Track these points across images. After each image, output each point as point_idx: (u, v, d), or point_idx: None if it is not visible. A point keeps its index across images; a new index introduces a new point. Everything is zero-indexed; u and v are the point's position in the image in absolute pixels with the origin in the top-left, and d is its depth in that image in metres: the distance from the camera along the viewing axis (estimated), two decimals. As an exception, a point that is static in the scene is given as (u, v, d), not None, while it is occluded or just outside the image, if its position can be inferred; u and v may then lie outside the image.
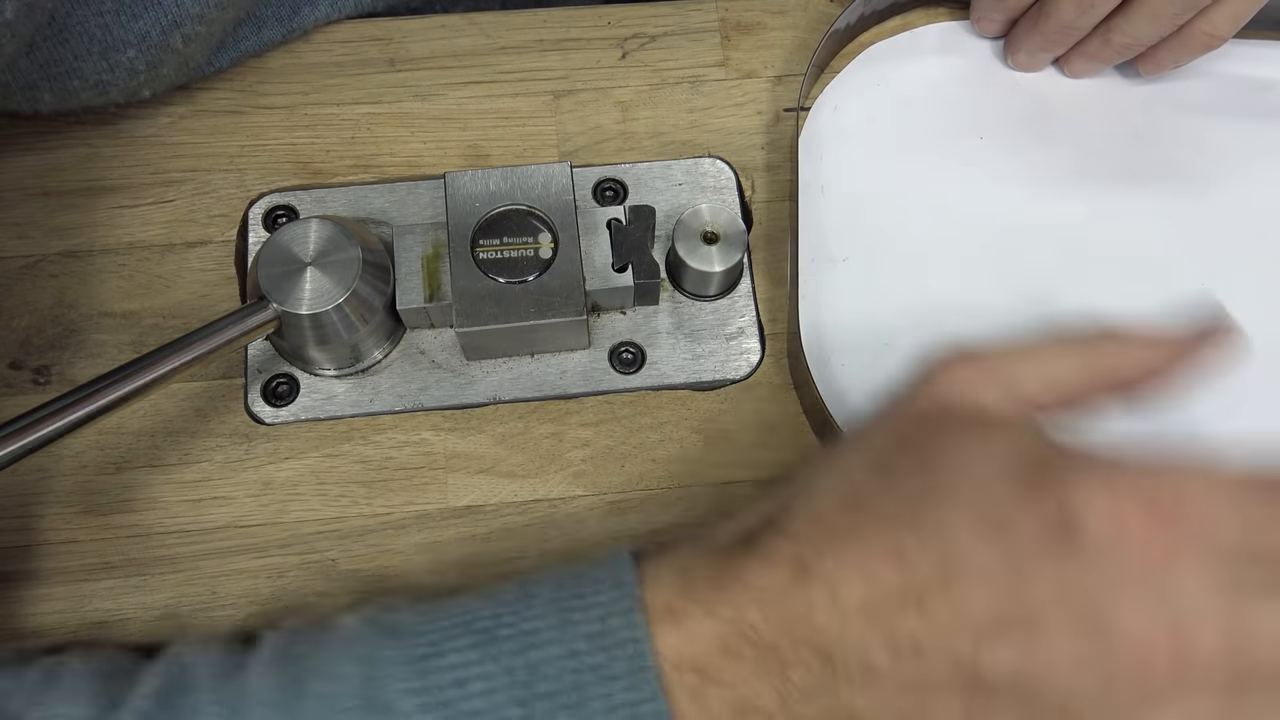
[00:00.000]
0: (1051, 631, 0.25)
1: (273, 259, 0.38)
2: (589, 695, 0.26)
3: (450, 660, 0.27)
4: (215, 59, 0.44)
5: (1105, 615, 0.25)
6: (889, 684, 0.26)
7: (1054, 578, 0.25)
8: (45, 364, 0.41)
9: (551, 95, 0.46)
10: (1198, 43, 0.43)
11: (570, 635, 0.27)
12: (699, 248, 0.40)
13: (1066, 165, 0.45)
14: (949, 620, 0.26)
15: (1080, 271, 0.43)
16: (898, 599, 0.26)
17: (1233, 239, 0.44)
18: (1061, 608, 0.25)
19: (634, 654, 0.27)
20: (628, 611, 0.28)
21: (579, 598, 0.28)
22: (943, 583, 0.26)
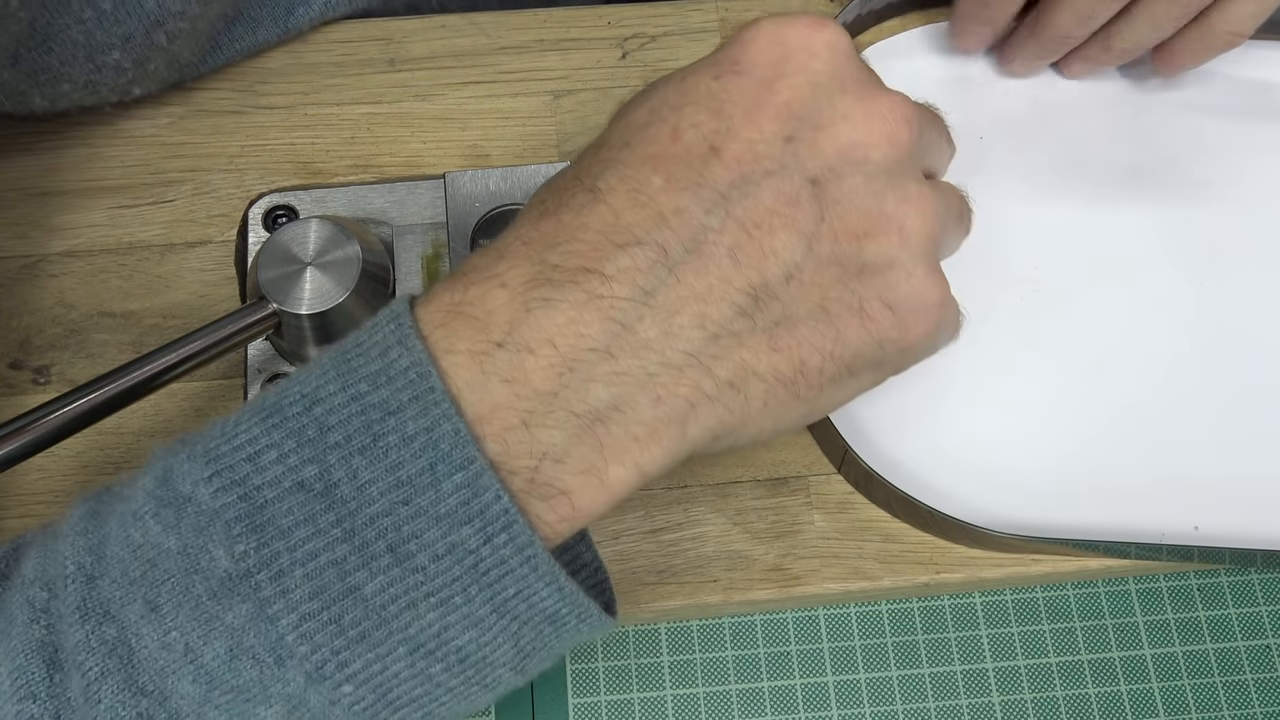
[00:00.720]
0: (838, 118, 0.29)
1: (273, 259, 0.38)
2: (380, 432, 0.25)
3: (240, 440, 0.26)
4: (210, 57, 0.44)
5: None
6: (724, 238, 0.27)
7: None
8: (45, 364, 0.41)
9: (551, 95, 0.46)
10: (1219, 41, 0.42)
11: (352, 380, 0.26)
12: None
13: (1066, 165, 0.45)
14: (752, 149, 0.28)
15: (1079, 271, 0.43)
16: (697, 155, 0.28)
17: (1232, 240, 0.44)
18: None
19: (415, 378, 0.25)
20: (404, 339, 0.26)
21: (358, 345, 0.27)
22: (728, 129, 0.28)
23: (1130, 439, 0.41)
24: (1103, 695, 0.41)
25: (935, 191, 0.30)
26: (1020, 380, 0.41)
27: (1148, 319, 0.43)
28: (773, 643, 0.41)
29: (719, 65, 0.29)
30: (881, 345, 0.29)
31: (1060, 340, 0.42)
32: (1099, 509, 0.40)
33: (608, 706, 0.41)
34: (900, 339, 0.30)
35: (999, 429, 0.41)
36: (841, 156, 0.28)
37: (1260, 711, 0.41)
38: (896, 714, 0.41)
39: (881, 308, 0.29)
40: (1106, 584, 0.43)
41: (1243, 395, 0.41)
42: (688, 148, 0.28)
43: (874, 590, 0.39)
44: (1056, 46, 0.44)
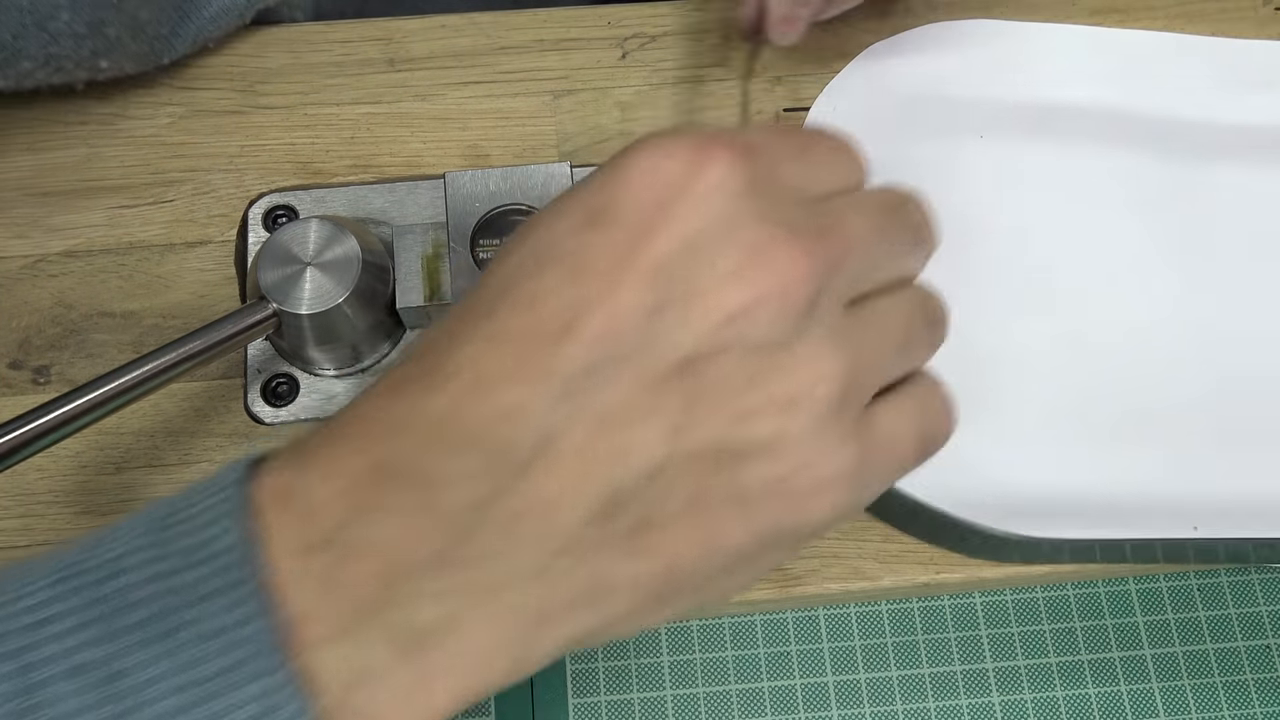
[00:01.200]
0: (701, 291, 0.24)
1: (272, 259, 0.38)
2: (182, 622, 0.22)
3: (27, 602, 0.22)
4: (181, 28, 0.43)
5: None
6: (572, 437, 0.23)
7: None
8: (45, 364, 0.41)
9: (551, 95, 0.46)
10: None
11: (165, 553, 0.23)
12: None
13: (1066, 163, 0.45)
14: (611, 325, 0.24)
15: (1079, 271, 0.43)
16: (551, 331, 0.24)
17: (1233, 240, 0.44)
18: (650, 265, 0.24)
19: (232, 564, 0.22)
20: (230, 514, 0.23)
21: (182, 509, 0.24)
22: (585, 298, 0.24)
23: (1130, 439, 0.41)
24: (1103, 695, 0.41)
25: (847, 340, 0.25)
26: (1018, 381, 0.41)
27: (1148, 319, 0.43)
28: (773, 643, 0.41)
29: (589, 208, 0.25)
30: (772, 532, 0.25)
31: (1059, 340, 0.42)
32: (1099, 509, 0.40)
33: (608, 706, 0.41)
34: (795, 522, 0.25)
35: (996, 431, 0.41)
36: (717, 329, 0.24)
37: (1260, 711, 0.41)
38: (896, 714, 0.41)
39: (766, 495, 0.25)
40: (1106, 584, 0.43)
41: (1243, 395, 0.41)
42: (542, 321, 0.24)
43: (874, 590, 0.39)
44: None
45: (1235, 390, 0.41)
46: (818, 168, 0.27)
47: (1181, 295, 0.43)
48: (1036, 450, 0.41)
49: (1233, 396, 0.41)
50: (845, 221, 0.26)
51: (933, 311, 0.29)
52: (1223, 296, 0.43)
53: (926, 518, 0.39)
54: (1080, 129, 0.46)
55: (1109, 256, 0.44)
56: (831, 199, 0.27)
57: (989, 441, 0.41)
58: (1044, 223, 0.44)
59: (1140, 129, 0.46)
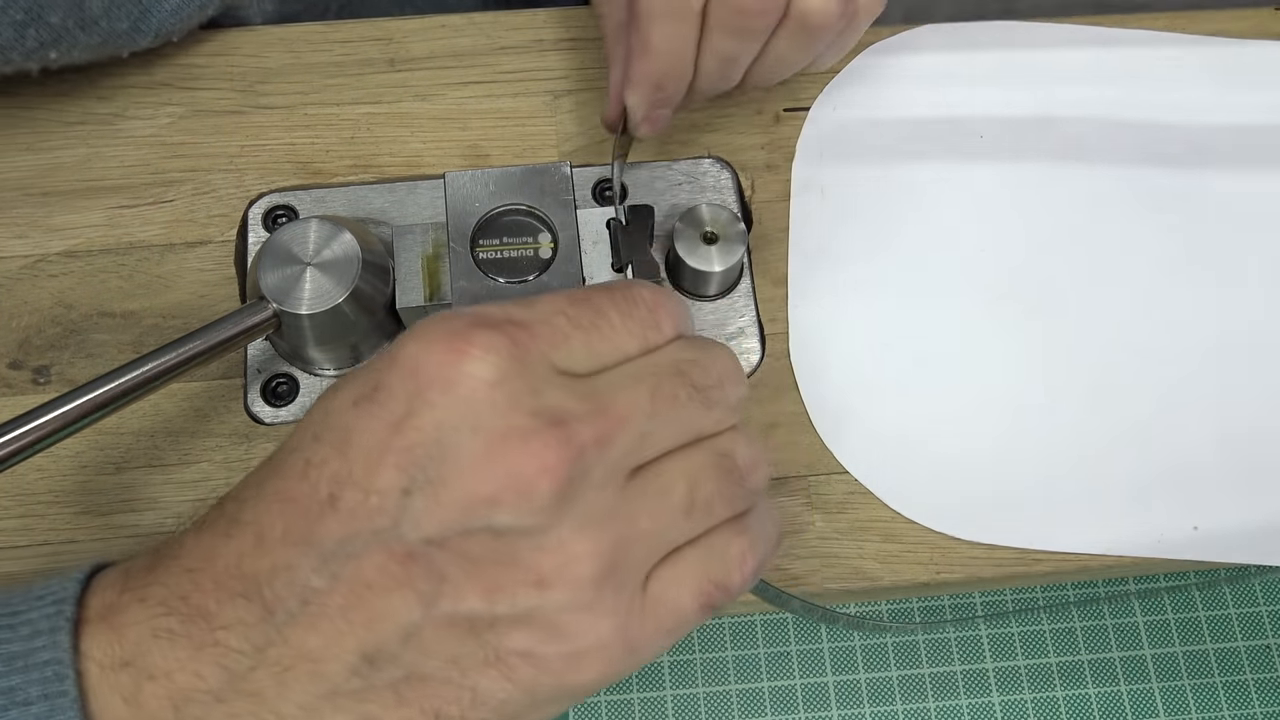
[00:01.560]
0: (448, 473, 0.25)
1: (272, 259, 0.38)
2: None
3: None
4: (143, 23, 0.42)
5: None
6: (332, 599, 0.25)
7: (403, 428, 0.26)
8: (45, 364, 0.41)
9: (551, 95, 0.46)
10: (858, 17, 0.38)
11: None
12: (698, 248, 0.40)
13: (1067, 163, 0.45)
14: (365, 503, 0.25)
15: (1079, 273, 0.43)
16: (316, 502, 0.25)
17: (1233, 240, 0.44)
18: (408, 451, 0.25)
19: (52, 675, 0.24)
20: (55, 629, 0.25)
21: (11, 616, 0.26)
22: (348, 474, 0.25)
23: (1130, 440, 0.41)
24: (1103, 695, 0.41)
25: (613, 518, 0.26)
26: (1019, 383, 0.41)
27: (1147, 320, 0.43)
28: (773, 643, 0.41)
29: (365, 387, 0.26)
30: (533, 691, 0.26)
31: (1059, 341, 0.42)
32: (1098, 510, 0.40)
33: (607, 706, 0.41)
34: (558, 684, 0.26)
35: (996, 434, 0.41)
36: (462, 515, 0.25)
37: (1260, 711, 0.41)
38: (896, 714, 0.41)
39: (524, 662, 0.26)
40: (1106, 584, 0.43)
41: (1243, 395, 0.41)
42: (311, 490, 0.26)
43: (874, 590, 0.39)
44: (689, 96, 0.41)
45: (1240, 390, 0.41)
46: (604, 339, 0.28)
47: (1185, 294, 0.43)
48: (1036, 456, 0.41)
49: (1237, 396, 0.41)
50: (617, 398, 0.27)
51: (732, 466, 0.29)
52: (1229, 296, 0.43)
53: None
54: (1081, 127, 0.46)
55: (1109, 257, 0.44)
56: (611, 372, 0.27)
57: (986, 443, 0.41)
58: (1043, 223, 0.44)
59: (1143, 128, 0.46)
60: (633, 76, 0.39)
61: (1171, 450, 0.40)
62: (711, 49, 0.38)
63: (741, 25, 0.37)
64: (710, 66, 0.39)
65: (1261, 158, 0.45)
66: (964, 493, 0.40)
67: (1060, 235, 0.44)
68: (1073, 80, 0.47)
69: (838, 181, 0.44)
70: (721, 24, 0.37)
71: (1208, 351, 0.42)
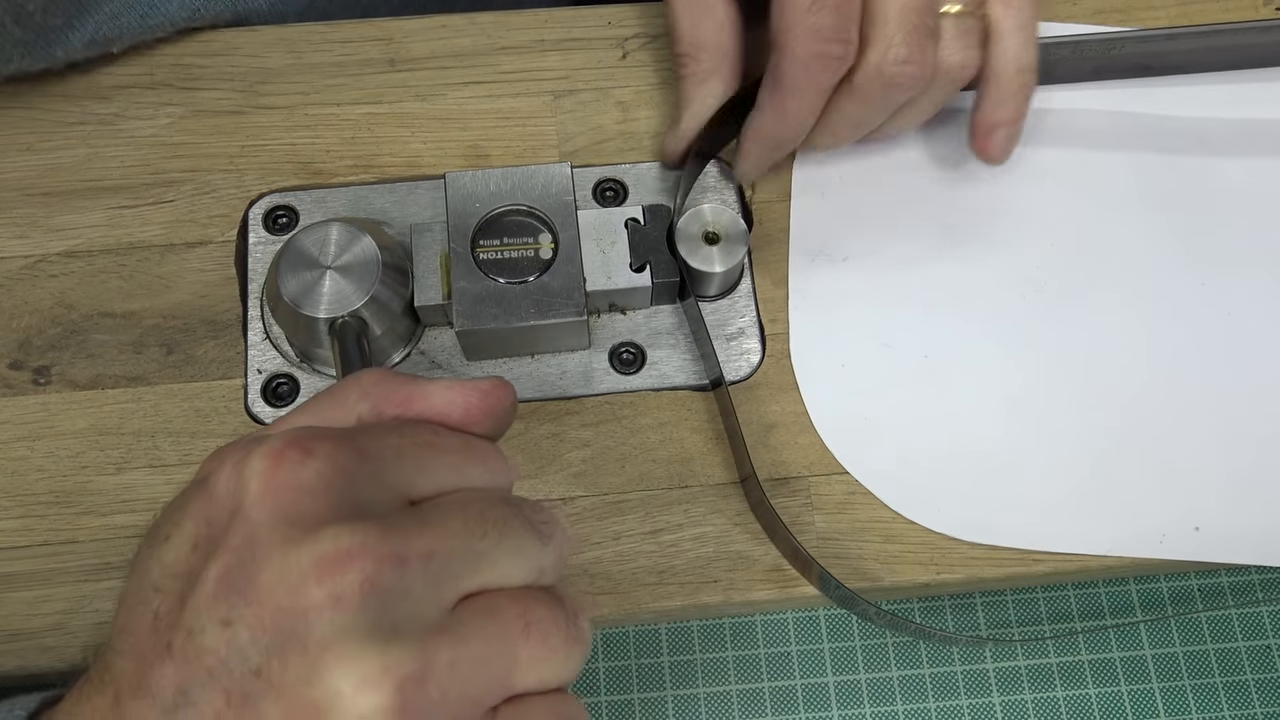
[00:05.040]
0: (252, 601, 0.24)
1: (292, 263, 0.38)
2: None
3: None
4: (79, 21, 0.42)
5: None
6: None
7: None
8: (45, 364, 0.41)
9: (551, 95, 0.46)
10: (1014, 83, 0.40)
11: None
12: (700, 248, 0.40)
13: (1067, 160, 0.45)
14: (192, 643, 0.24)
15: (1081, 271, 0.43)
16: (154, 649, 0.25)
17: (1234, 240, 0.44)
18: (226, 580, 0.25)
19: None
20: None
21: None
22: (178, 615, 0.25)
23: (1131, 440, 0.41)
24: (1103, 695, 0.41)
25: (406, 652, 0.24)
26: (1021, 380, 0.41)
27: (1149, 319, 0.43)
28: (773, 643, 0.41)
29: (182, 515, 0.26)
30: None
31: (1061, 340, 0.42)
32: (1099, 510, 0.40)
33: (608, 706, 0.41)
34: None
35: (996, 434, 0.41)
36: (276, 634, 0.24)
37: (1260, 711, 0.41)
38: (897, 714, 0.41)
39: None
40: (1107, 584, 0.43)
41: (1244, 395, 0.41)
42: (150, 632, 0.25)
43: (874, 590, 0.39)
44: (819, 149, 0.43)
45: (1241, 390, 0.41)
46: (442, 464, 0.28)
47: (1186, 293, 0.43)
48: (1036, 456, 0.41)
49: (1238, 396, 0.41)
50: (449, 518, 0.26)
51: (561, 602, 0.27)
52: (1229, 295, 0.43)
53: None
54: (1083, 123, 0.46)
55: (1112, 255, 0.44)
56: (447, 496, 0.27)
57: (985, 443, 0.41)
58: (1046, 221, 0.44)
59: (1145, 128, 0.46)
60: (761, 132, 0.40)
61: (1173, 450, 0.40)
62: (845, 114, 0.39)
63: (886, 99, 0.38)
64: (842, 130, 0.40)
65: (1268, 155, 0.45)
66: (964, 493, 0.40)
67: (1061, 235, 0.44)
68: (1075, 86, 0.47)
69: (838, 181, 0.44)
70: (866, 94, 0.38)
71: (1209, 352, 0.42)
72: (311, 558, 0.24)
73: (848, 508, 0.40)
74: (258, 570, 0.24)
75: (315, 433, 0.26)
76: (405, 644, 0.24)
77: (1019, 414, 0.41)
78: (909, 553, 0.39)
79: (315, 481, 0.25)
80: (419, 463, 0.27)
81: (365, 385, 0.29)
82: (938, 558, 0.39)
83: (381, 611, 0.24)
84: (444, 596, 0.25)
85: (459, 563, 0.26)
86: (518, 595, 0.27)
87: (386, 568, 0.24)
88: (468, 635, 0.25)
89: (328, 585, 0.24)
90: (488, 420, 0.29)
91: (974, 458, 0.40)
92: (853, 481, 0.40)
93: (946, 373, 0.41)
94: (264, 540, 0.24)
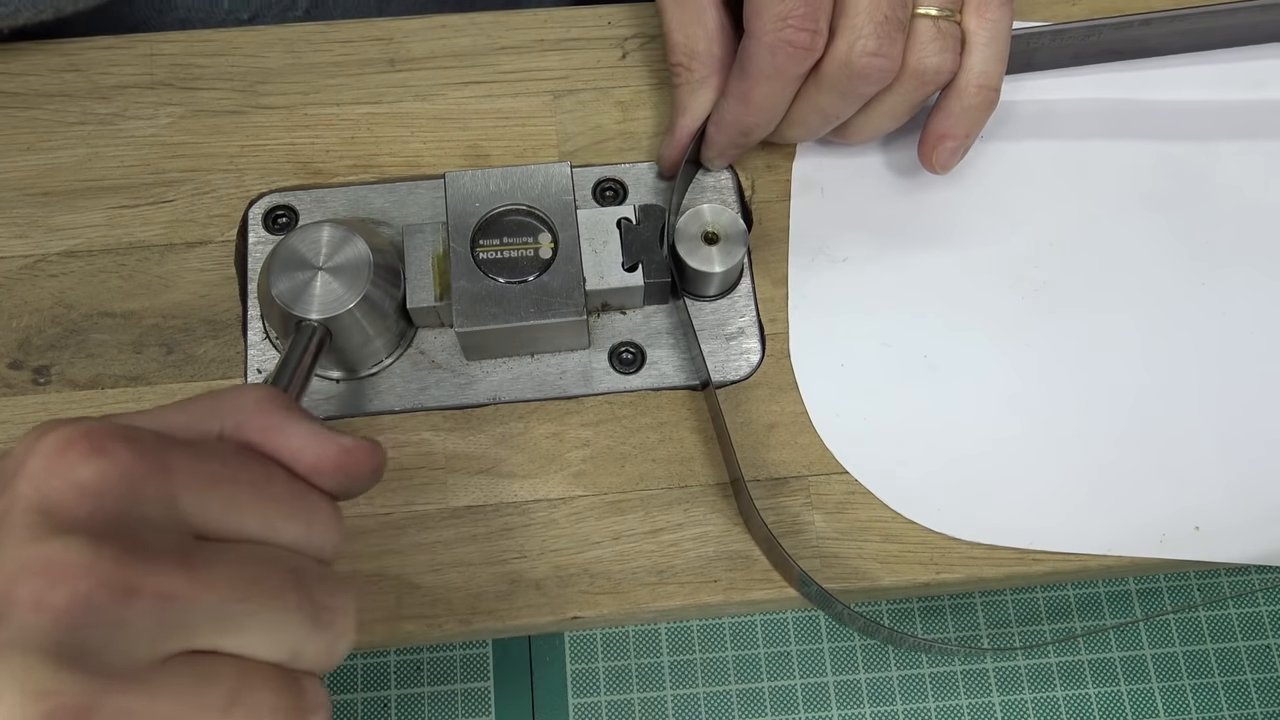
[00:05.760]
0: None
1: (283, 264, 0.38)
2: None
3: None
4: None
5: None
6: None
7: None
8: (45, 364, 0.41)
9: (551, 95, 0.46)
10: (975, 99, 0.40)
11: None
12: (699, 248, 0.40)
13: (1066, 158, 0.45)
14: None
15: (1080, 271, 0.43)
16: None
17: (1235, 241, 0.44)
18: None
19: None
20: None
21: None
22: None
23: (1131, 439, 0.41)
24: (1103, 695, 0.41)
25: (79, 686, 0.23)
26: (1020, 380, 0.41)
27: (1148, 318, 0.43)
28: (773, 643, 0.41)
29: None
30: None
31: (1060, 340, 0.42)
32: (1098, 510, 0.40)
33: (608, 706, 0.41)
34: None
35: (997, 434, 0.41)
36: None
37: (1260, 711, 0.41)
38: (897, 714, 0.41)
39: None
40: (1107, 584, 0.43)
41: (1244, 395, 0.41)
42: None
43: (874, 590, 0.39)
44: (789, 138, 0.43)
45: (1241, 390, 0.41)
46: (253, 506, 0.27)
47: (1186, 293, 0.43)
48: (1036, 457, 0.41)
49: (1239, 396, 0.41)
50: (217, 565, 0.25)
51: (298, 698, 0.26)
52: (1230, 296, 0.43)
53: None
54: (1083, 122, 0.46)
55: (1111, 255, 0.44)
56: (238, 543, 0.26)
57: (985, 442, 0.41)
58: (1045, 222, 0.44)
59: (1145, 128, 0.46)
60: (725, 119, 0.40)
61: (1172, 450, 0.40)
62: (815, 103, 0.39)
63: (852, 90, 0.38)
64: (812, 121, 0.40)
65: (1266, 153, 0.45)
66: (964, 493, 0.40)
67: (1062, 234, 0.44)
68: (1074, 78, 0.47)
69: (838, 181, 0.44)
70: (833, 84, 0.38)
71: (1209, 351, 0.42)
72: (39, 555, 0.23)
73: (847, 507, 0.40)
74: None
75: (124, 433, 0.25)
76: (82, 676, 0.23)
77: (1019, 413, 0.41)
78: (909, 552, 0.39)
79: (90, 482, 0.24)
80: (229, 499, 0.26)
81: (246, 401, 0.28)
82: (937, 557, 0.39)
83: (76, 635, 0.23)
84: (164, 643, 0.24)
85: (199, 617, 0.24)
86: (243, 669, 0.25)
87: (106, 594, 0.23)
88: (161, 691, 0.24)
89: (37, 588, 0.23)
90: (337, 477, 0.28)
91: (974, 457, 0.40)
92: (852, 481, 0.40)
93: (946, 372, 0.41)
94: (13, 519, 0.24)
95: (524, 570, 0.39)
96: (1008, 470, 0.40)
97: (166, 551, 0.24)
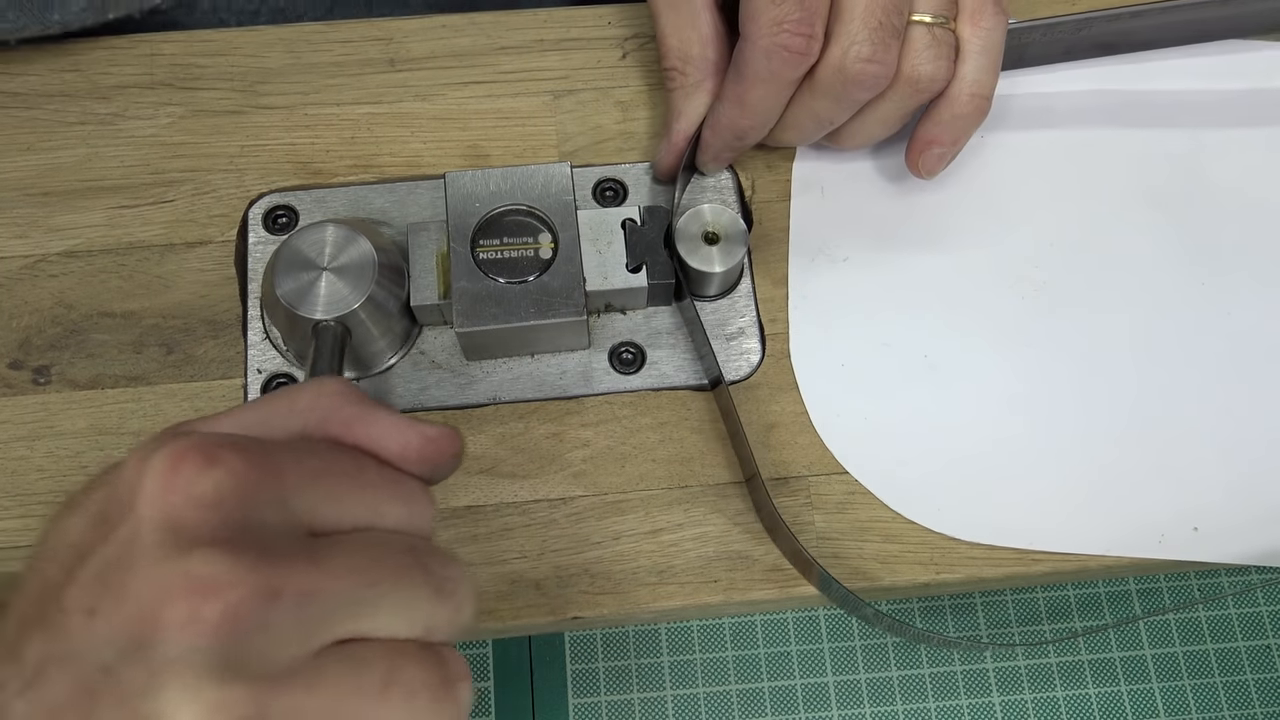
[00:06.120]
0: None
1: (288, 264, 0.38)
2: None
3: None
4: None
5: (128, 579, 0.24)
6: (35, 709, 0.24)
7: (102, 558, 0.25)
8: (45, 364, 0.41)
9: (551, 95, 0.46)
10: (966, 107, 0.39)
11: None
12: (700, 248, 0.40)
13: (1066, 157, 0.45)
14: (59, 621, 0.24)
15: (1081, 271, 0.43)
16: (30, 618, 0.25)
17: (1235, 241, 0.44)
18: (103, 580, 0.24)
19: None
20: None
21: None
22: (55, 588, 0.25)
23: (1131, 439, 0.41)
24: (1103, 695, 0.41)
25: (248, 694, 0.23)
26: (1020, 380, 0.41)
27: (1148, 318, 0.43)
28: (773, 643, 0.41)
29: (92, 488, 0.26)
30: None
31: (1060, 339, 0.42)
32: (1098, 510, 0.40)
33: (608, 706, 0.41)
34: None
35: (997, 434, 0.41)
36: (130, 639, 0.23)
37: (1260, 711, 0.41)
38: (897, 714, 0.41)
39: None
40: (1107, 584, 0.43)
41: (1244, 395, 0.41)
42: (37, 598, 0.25)
43: (874, 590, 0.39)
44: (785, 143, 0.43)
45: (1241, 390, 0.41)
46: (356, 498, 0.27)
47: (1186, 293, 0.43)
48: (1036, 457, 0.41)
49: (1238, 397, 0.41)
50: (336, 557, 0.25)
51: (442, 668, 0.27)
52: (1230, 296, 0.43)
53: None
54: (1084, 122, 0.46)
55: (1112, 255, 0.44)
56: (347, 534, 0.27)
57: (986, 441, 0.41)
58: (1046, 222, 0.44)
59: (1146, 129, 0.46)
60: (720, 123, 0.40)
61: (1172, 450, 0.40)
62: (809, 109, 0.39)
63: (847, 96, 0.38)
64: (806, 125, 0.40)
65: (1263, 148, 0.45)
66: (964, 493, 0.40)
67: (1061, 234, 0.44)
68: (1073, 78, 0.46)
69: (838, 181, 0.44)
70: (827, 89, 0.38)
71: (1209, 351, 0.42)
72: (181, 574, 0.23)
73: (847, 507, 0.40)
74: (131, 570, 0.24)
75: (229, 441, 0.25)
76: (247, 684, 0.23)
77: (1019, 414, 0.41)
78: (909, 552, 0.39)
79: (210, 493, 0.24)
80: (333, 492, 0.27)
81: (321, 394, 0.29)
82: (937, 557, 0.39)
83: (234, 646, 0.23)
84: (311, 638, 0.25)
85: (338, 607, 0.25)
86: (390, 650, 0.26)
87: (254, 601, 0.24)
88: (320, 685, 0.24)
89: (188, 607, 0.23)
90: (423, 465, 0.29)
91: (974, 457, 0.40)
92: (852, 481, 0.40)
93: (946, 372, 0.41)
94: (144, 542, 0.24)
95: (524, 570, 0.39)
96: (1007, 470, 0.40)
97: (292, 551, 0.25)
